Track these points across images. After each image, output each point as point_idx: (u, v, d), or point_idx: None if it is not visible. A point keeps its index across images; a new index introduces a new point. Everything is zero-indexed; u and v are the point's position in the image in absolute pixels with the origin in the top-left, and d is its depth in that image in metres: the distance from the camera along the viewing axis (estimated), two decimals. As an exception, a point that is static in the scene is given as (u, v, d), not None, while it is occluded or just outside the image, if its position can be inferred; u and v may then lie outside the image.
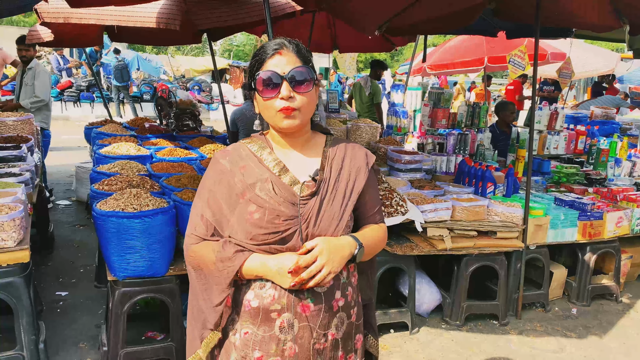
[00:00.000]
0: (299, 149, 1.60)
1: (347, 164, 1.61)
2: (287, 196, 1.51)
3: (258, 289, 1.51)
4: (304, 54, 1.53)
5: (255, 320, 1.52)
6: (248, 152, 1.59)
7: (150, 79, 16.72)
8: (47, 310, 3.80)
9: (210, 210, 1.55)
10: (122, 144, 4.43)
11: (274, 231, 1.48)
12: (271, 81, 1.47)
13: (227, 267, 1.48)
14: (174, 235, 3.05)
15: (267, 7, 3.48)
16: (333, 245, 1.48)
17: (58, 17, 4.24)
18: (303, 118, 1.52)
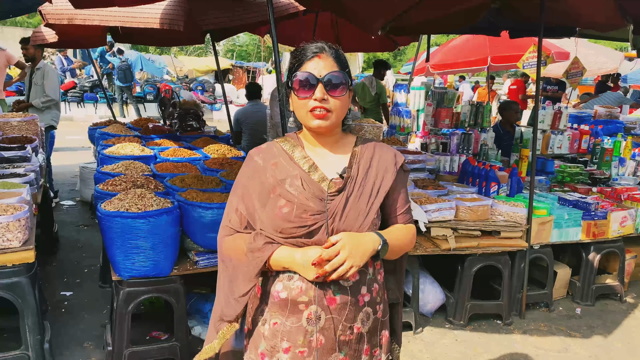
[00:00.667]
0: (329, 148, 1.66)
1: (375, 163, 1.66)
2: (315, 192, 1.57)
3: (286, 281, 1.58)
4: (341, 60, 1.60)
5: (283, 311, 1.58)
6: (280, 149, 1.66)
7: (153, 79, 16.76)
8: (52, 310, 3.81)
9: (244, 204, 1.64)
10: (126, 145, 4.44)
11: (301, 225, 1.55)
12: (307, 82, 1.54)
13: (256, 257, 1.56)
14: (178, 235, 3.05)
15: (270, 8, 3.49)
16: (356, 240, 1.52)
17: (62, 18, 4.25)
18: (334, 120, 1.58)
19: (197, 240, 3.10)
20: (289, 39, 6.85)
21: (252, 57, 26.27)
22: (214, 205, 3.02)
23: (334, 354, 1.59)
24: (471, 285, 3.88)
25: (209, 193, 3.24)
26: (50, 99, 6.20)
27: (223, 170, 3.94)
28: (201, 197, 3.15)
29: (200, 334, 3.46)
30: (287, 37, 6.83)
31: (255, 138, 6.47)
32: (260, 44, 24.75)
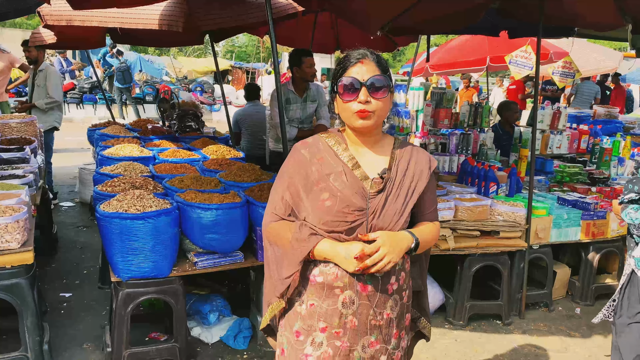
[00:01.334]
0: (370, 147, 1.78)
1: (412, 166, 1.79)
2: (357, 189, 1.70)
3: (322, 267, 1.72)
4: (383, 65, 1.72)
5: (320, 294, 1.73)
6: (325, 145, 1.78)
7: (152, 80, 16.76)
8: (51, 311, 3.81)
9: (290, 193, 1.77)
10: (125, 146, 4.44)
11: (343, 220, 1.68)
12: (352, 86, 1.66)
13: (301, 246, 1.69)
14: (177, 236, 3.05)
15: (269, 8, 3.49)
16: (394, 239, 1.67)
17: (61, 19, 4.25)
18: (377, 120, 1.70)
19: (196, 241, 3.09)
20: (288, 39, 6.85)
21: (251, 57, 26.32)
22: (212, 206, 3.02)
23: (365, 337, 1.74)
24: (470, 285, 3.88)
25: (208, 194, 3.24)
26: (53, 100, 6.22)
27: (222, 171, 3.94)
28: (200, 197, 3.14)
29: (199, 335, 3.46)
30: (286, 38, 6.83)
31: (254, 139, 6.47)
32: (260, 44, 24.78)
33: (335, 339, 1.72)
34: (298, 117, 4.87)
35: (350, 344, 1.73)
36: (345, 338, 1.72)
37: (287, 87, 4.78)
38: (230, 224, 3.05)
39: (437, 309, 4.03)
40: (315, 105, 4.97)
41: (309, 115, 4.98)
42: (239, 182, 3.62)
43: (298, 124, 4.86)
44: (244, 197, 3.23)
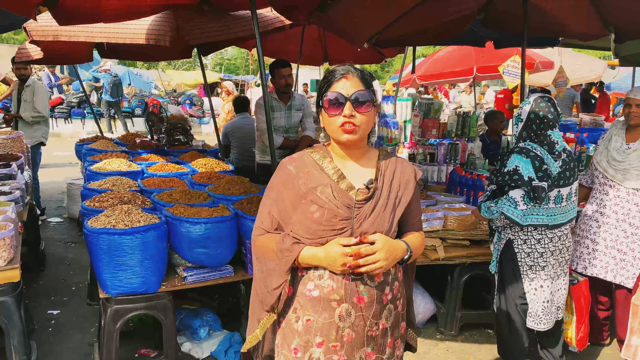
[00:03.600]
0: (356, 160, 1.83)
1: (398, 176, 1.84)
2: (344, 200, 1.74)
3: (317, 280, 1.76)
4: (366, 80, 1.77)
5: (316, 308, 1.75)
6: (311, 159, 1.83)
7: (141, 94, 16.72)
8: (39, 329, 3.75)
9: (277, 207, 1.81)
10: (113, 160, 4.42)
11: (331, 228, 1.73)
12: (337, 101, 1.72)
13: (285, 256, 1.74)
14: (166, 251, 3.03)
15: (255, 22, 3.51)
16: (391, 246, 1.73)
17: (47, 34, 4.24)
18: (361, 134, 1.75)
19: (185, 255, 3.07)
20: (277, 52, 6.87)
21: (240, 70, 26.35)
22: (201, 220, 3.01)
23: (362, 349, 1.77)
24: (461, 295, 3.88)
25: (197, 208, 3.22)
26: (40, 115, 6.21)
27: (211, 184, 3.93)
28: (189, 212, 3.13)
29: (190, 350, 3.43)
30: (275, 51, 6.86)
31: (244, 151, 6.46)
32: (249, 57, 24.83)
33: (332, 353, 1.75)
34: (283, 125, 4.92)
35: (348, 357, 1.76)
36: (342, 352, 1.75)
37: (271, 96, 4.84)
38: (219, 237, 3.04)
39: (428, 320, 4.03)
40: (301, 114, 5.02)
41: (294, 125, 5.02)
42: (228, 195, 3.61)
43: (283, 132, 4.90)
44: (233, 211, 3.22)
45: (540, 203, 2.95)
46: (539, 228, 3.02)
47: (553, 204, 3.02)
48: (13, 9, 3.22)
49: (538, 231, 3.03)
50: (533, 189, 2.90)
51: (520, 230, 3.06)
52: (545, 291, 3.09)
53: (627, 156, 3.42)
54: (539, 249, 3.05)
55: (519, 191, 2.90)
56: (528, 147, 3.00)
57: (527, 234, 3.06)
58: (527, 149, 2.98)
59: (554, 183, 2.99)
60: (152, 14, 4.22)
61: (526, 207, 2.92)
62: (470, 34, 5.34)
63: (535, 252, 3.05)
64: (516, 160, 2.95)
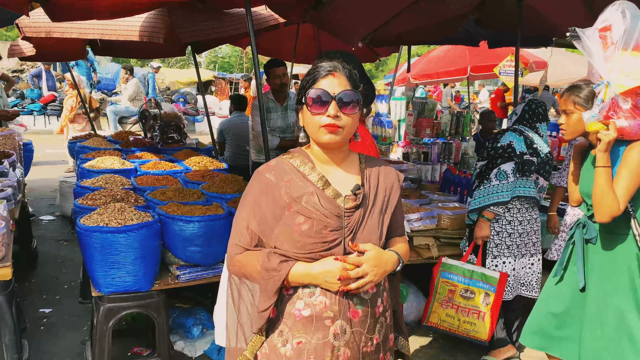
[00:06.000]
0: (338, 164, 1.70)
1: (382, 180, 1.74)
2: (332, 209, 1.61)
3: (308, 298, 1.61)
4: (354, 79, 1.65)
5: (308, 329, 1.60)
6: (291, 166, 1.68)
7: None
8: (31, 327, 3.73)
9: (256, 221, 1.64)
10: (106, 158, 4.40)
11: (321, 241, 1.59)
12: (321, 99, 1.58)
13: (273, 276, 1.57)
14: (159, 249, 3.02)
15: (249, 20, 3.50)
16: (380, 258, 1.61)
17: (40, 31, 4.21)
18: (345, 136, 1.62)
19: (178, 254, 3.07)
20: (271, 50, 6.87)
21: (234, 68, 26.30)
22: (195, 218, 3.00)
23: None
24: (454, 293, 3.89)
25: (190, 206, 3.21)
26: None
27: (205, 182, 3.92)
28: (182, 210, 3.12)
29: (183, 349, 3.42)
30: (269, 49, 6.85)
31: (238, 149, 6.45)
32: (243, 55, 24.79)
33: None
34: (279, 126, 4.88)
35: None
36: None
37: (268, 97, 4.81)
38: (212, 236, 3.03)
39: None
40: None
41: (290, 125, 4.99)
42: (221, 193, 3.60)
43: (280, 133, 4.87)
44: (227, 209, 3.22)
45: (529, 176, 3.29)
46: (513, 210, 3.33)
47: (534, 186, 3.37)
48: (5, 5, 3.19)
49: (511, 213, 3.33)
50: (524, 162, 3.25)
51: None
52: (507, 267, 3.39)
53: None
54: (508, 230, 3.35)
55: (510, 164, 3.24)
56: (521, 128, 3.39)
57: (499, 214, 3.34)
58: (519, 129, 3.38)
59: (540, 165, 3.34)
60: (146, 11, 4.20)
61: (514, 179, 3.24)
62: (464, 33, 5.35)
63: (505, 231, 3.36)
64: (510, 137, 3.33)
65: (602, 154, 2.25)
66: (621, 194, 2.23)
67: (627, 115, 2.22)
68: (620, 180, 2.25)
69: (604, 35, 2.24)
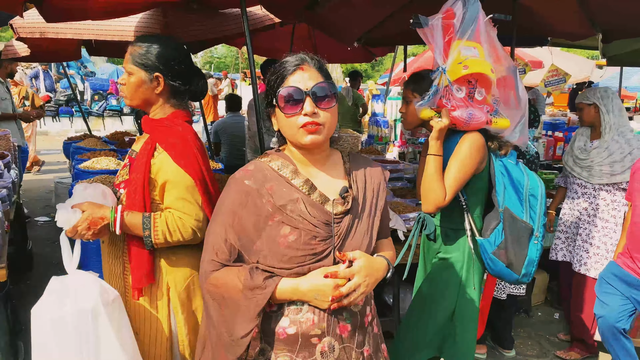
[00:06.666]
0: (321, 166, 1.56)
1: (369, 180, 1.61)
2: (320, 216, 1.47)
3: (294, 315, 1.47)
4: (325, 70, 1.52)
5: (293, 348, 1.46)
6: (271, 171, 1.52)
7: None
8: (26, 330, 3.71)
9: (236, 234, 1.47)
10: (101, 159, 4.39)
11: (310, 252, 1.45)
12: (293, 97, 1.43)
13: (256, 295, 1.41)
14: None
15: (245, 20, 3.49)
16: (370, 267, 1.48)
17: (34, 32, 4.19)
18: (327, 133, 1.48)
19: (175, 254, 3.05)
20: (266, 50, 6.86)
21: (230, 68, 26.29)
22: (191, 218, 2.98)
23: None
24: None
25: (186, 206, 3.20)
26: None
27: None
28: (178, 210, 3.10)
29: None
30: (265, 49, 6.84)
31: (234, 149, 6.45)
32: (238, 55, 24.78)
33: None
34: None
35: None
36: None
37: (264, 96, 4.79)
38: (209, 236, 3.02)
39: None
40: None
41: None
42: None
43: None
44: (223, 209, 3.20)
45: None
46: None
47: None
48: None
49: None
50: None
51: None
52: None
53: (588, 154, 3.56)
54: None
55: None
56: None
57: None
58: None
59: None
60: (141, 11, 4.19)
61: None
62: (459, 33, 5.36)
63: None
64: None
65: (433, 141, 2.20)
66: (449, 184, 2.19)
67: (460, 105, 2.18)
68: (450, 171, 2.21)
69: (449, 23, 2.20)
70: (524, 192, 2.26)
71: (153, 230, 1.88)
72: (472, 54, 2.16)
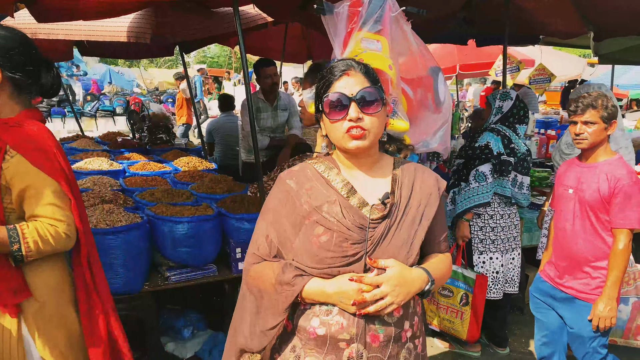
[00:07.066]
0: (366, 171, 1.56)
1: (418, 189, 1.56)
2: (355, 219, 1.47)
3: (324, 316, 1.47)
4: (372, 75, 1.51)
5: (321, 349, 1.47)
6: (315, 172, 1.56)
7: (123, 92, 16.57)
8: (19, 331, 3.69)
9: (275, 231, 1.54)
10: (94, 159, 4.37)
11: (342, 255, 1.45)
12: (339, 103, 1.45)
13: (285, 290, 1.46)
14: (149, 250, 3.00)
15: (237, 19, 3.47)
16: (403, 277, 1.44)
17: (25, 32, 4.15)
18: (372, 139, 1.48)
19: (168, 255, 3.04)
20: (259, 49, 6.85)
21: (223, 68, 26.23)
22: (184, 219, 2.98)
23: None
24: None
25: (180, 207, 3.20)
26: None
27: (194, 183, 3.90)
28: (171, 210, 3.10)
29: (173, 350, 3.40)
30: (257, 48, 6.83)
31: (227, 149, 6.43)
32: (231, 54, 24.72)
33: None
34: (269, 126, 4.86)
35: None
36: None
37: (257, 96, 4.79)
38: (202, 236, 3.02)
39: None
40: (287, 114, 4.96)
41: (280, 125, 4.97)
42: (211, 193, 3.59)
43: (270, 133, 4.85)
44: (217, 209, 3.20)
45: (506, 176, 3.36)
46: (493, 205, 3.41)
47: (510, 185, 3.43)
48: (-10, 5, 3.15)
49: (492, 207, 3.41)
50: (501, 162, 3.31)
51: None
52: (494, 263, 3.45)
53: (573, 149, 3.57)
54: (491, 224, 3.43)
55: (487, 165, 3.30)
56: (499, 127, 3.44)
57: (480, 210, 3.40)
58: (497, 129, 3.43)
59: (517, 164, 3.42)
60: (133, 11, 4.17)
61: (493, 180, 3.30)
62: (452, 32, 5.37)
63: (488, 226, 3.43)
64: (488, 137, 3.38)
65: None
66: None
67: None
68: None
69: (355, 11, 1.99)
70: None
71: (23, 242, 1.67)
72: (374, 48, 1.97)
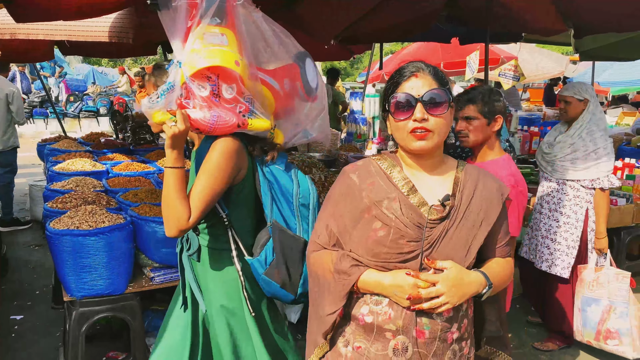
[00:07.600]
0: (429, 171, 1.58)
1: (479, 193, 1.56)
2: (413, 217, 1.49)
3: (373, 305, 1.51)
4: (440, 77, 1.54)
5: (369, 336, 1.52)
6: (378, 168, 1.60)
7: (106, 92, 16.40)
8: (2, 335, 3.66)
9: (335, 221, 1.59)
10: (76, 160, 4.32)
11: (397, 251, 1.48)
12: (406, 103, 1.48)
13: (343, 279, 1.51)
14: (132, 251, 2.98)
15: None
16: (460, 279, 1.46)
17: (4, 32, 4.10)
18: (436, 140, 1.50)
19: (152, 255, 3.03)
20: (243, 48, 6.83)
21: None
22: (168, 219, 2.96)
23: None
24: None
25: (164, 207, 3.17)
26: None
27: (178, 183, 3.87)
28: (155, 211, 3.08)
29: (159, 352, 3.38)
30: (241, 48, 6.81)
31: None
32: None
33: None
34: None
35: None
36: None
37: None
38: (187, 236, 3.00)
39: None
40: None
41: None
42: (195, 194, 3.56)
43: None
44: (201, 209, 3.18)
45: None
46: None
47: None
48: (-33, 5, 3.10)
49: None
50: None
51: None
52: None
53: (552, 148, 3.57)
54: None
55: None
56: None
57: None
58: None
59: None
60: (114, 11, 4.13)
61: None
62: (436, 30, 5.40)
63: None
64: None
65: (169, 151, 1.85)
66: (195, 204, 1.81)
67: (203, 105, 1.81)
68: (196, 186, 1.84)
69: (194, 3, 1.81)
70: (294, 201, 2.01)
71: None
72: (219, 42, 1.81)
